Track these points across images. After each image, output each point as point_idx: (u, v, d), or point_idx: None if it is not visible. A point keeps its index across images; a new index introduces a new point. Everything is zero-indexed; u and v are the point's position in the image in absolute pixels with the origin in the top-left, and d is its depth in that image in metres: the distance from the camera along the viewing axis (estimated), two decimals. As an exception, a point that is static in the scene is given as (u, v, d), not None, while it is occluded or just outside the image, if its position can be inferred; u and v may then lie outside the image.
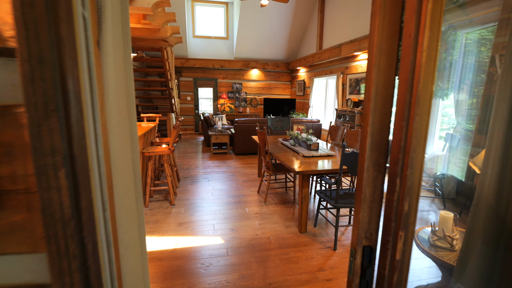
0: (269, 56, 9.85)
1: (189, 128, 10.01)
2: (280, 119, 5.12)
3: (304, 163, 2.96)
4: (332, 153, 3.37)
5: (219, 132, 6.54)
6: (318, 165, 2.93)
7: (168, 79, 6.33)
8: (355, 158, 2.38)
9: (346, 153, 2.39)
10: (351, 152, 2.37)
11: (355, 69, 6.38)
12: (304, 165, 2.89)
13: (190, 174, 4.99)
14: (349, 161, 2.41)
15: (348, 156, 2.39)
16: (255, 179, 4.77)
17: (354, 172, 2.43)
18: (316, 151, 3.47)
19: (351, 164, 2.41)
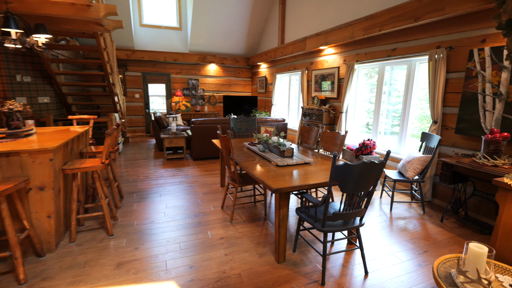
0: (227, 50, 9.14)
1: (138, 130, 8.88)
2: (244, 119, 4.49)
3: (279, 176, 2.38)
4: (310, 160, 2.84)
5: (173, 135, 5.69)
6: (296, 177, 2.37)
7: (108, 72, 5.30)
8: (349, 171, 1.85)
9: (338, 166, 1.86)
10: (343, 165, 1.83)
11: (321, 65, 6.01)
12: (280, 178, 2.30)
13: (138, 187, 4.11)
14: (341, 176, 1.88)
15: (341, 169, 1.86)
16: (218, 190, 4.08)
17: (348, 188, 1.91)
18: (290, 158, 2.91)
19: (344, 179, 1.89)
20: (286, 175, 2.41)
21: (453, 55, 3.42)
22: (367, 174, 1.91)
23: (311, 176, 2.40)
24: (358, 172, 1.88)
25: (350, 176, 1.88)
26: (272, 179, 2.29)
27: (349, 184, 1.92)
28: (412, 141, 4.30)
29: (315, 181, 2.27)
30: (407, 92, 4.15)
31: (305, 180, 2.28)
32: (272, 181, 2.24)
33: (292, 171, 2.56)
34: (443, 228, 3.04)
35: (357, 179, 1.90)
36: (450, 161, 3.02)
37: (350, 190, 1.94)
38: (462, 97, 3.28)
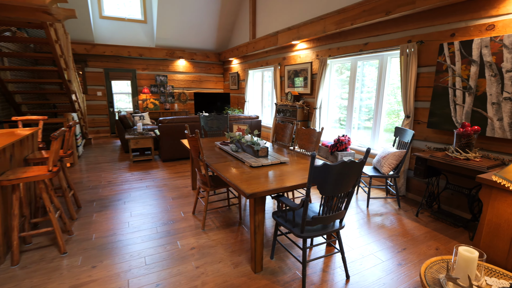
0: (197, 45, 8.76)
1: (102, 131, 8.26)
2: (215, 117, 4.24)
3: (253, 178, 2.19)
4: (285, 160, 2.68)
5: (140, 135, 5.29)
6: (272, 178, 2.19)
7: (63, 68, 4.77)
8: (328, 172, 1.70)
9: (316, 167, 1.70)
10: (322, 166, 1.68)
11: (294, 60, 5.89)
12: (255, 181, 2.11)
13: (99, 195, 3.72)
14: (320, 177, 1.72)
15: (320, 170, 1.70)
16: (189, 193, 3.81)
17: (327, 190, 1.76)
18: (265, 158, 2.73)
19: (323, 181, 1.73)
20: (261, 177, 2.22)
21: (424, 50, 3.42)
22: (348, 174, 1.78)
23: (287, 177, 2.23)
24: (338, 172, 1.73)
25: (329, 177, 1.73)
26: (245, 182, 2.09)
27: (329, 186, 1.77)
28: (385, 135, 4.31)
29: (292, 182, 2.10)
30: (380, 87, 4.14)
31: (281, 182, 2.11)
32: (246, 184, 2.04)
33: (267, 172, 2.38)
34: (418, 223, 3.03)
35: (337, 180, 1.76)
36: (424, 155, 3.01)
37: (329, 192, 1.80)
38: (433, 91, 3.29)
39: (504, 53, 2.66)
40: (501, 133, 2.73)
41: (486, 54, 2.79)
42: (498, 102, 2.73)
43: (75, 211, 3.21)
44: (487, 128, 2.84)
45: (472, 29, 2.94)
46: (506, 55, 2.64)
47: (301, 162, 2.73)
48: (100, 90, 8.01)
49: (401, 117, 4.17)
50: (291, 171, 2.40)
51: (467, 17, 2.98)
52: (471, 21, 2.95)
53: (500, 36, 2.68)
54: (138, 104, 8.56)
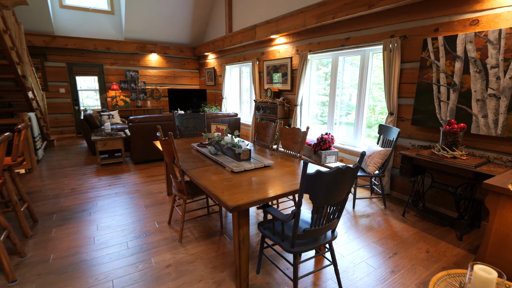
0: (170, 38, 8.29)
1: (67, 131, 7.60)
2: (191, 115, 3.94)
3: (236, 186, 1.95)
4: (270, 163, 2.47)
5: (108, 136, 4.84)
6: (257, 186, 1.97)
7: (15, 62, 4.21)
8: (322, 180, 1.50)
9: (309, 175, 1.49)
10: (316, 173, 1.48)
11: (273, 55, 5.68)
12: (238, 190, 1.88)
13: (60, 205, 3.31)
14: (313, 185, 1.52)
15: (313, 178, 1.50)
16: (164, 200, 3.49)
17: (321, 200, 1.57)
18: (248, 161, 2.50)
19: (317, 190, 1.54)
20: (244, 184, 1.99)
21: (407, 45, 3.34)
22: (343, 180, 1.60)
23: (274, 183, 2.02)
24: (333, 180, 1.54)
25: (323, 185, 1.54)
26: (227, 191, 1.85)
27: (323, 195, 1.58)
28: (365, 131, 4.23)
29: (280, 190, 1.89)
30: (362, 83, 4.04)
31: (267, 189, 1.89)
32: (228, 194, 1.80)
33: (250, 178, 2.15)
34: (406, 223, 2.96)
35: (332, 187, 1.57)
36: (410, 154, 2.93)
37: (323, 202, 1.61)
38: (417, 87, 3.22)
39: (488, 49, 2.61)
40: (486, 130, 2.69)
41: (470, 49, 2.73)
42: (483, 99, 2.69)
43: (30, 226, 2.80)
44: (472, 125, 2.79)
45: (456, 24, 2.88)
46: (490, 51, 2.59)
47: (286, 164, 2.53)
48: (63, 87, 7.34)
49: (377, 112, 4.10)
50: (277, 176, 2.19)
51: (451, 12, 2.91)
52: (455, 15, 2.88)
53: (484, 32, 2.62)
54: (107, 101, 7.97)
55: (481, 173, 2.43)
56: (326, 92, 4.89)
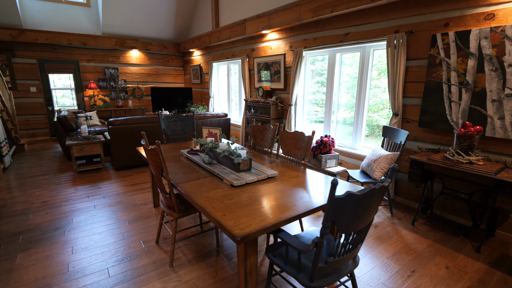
0: (152, 33, 7.79)
1: (40, 133, 6.97)
2: (179, 117, 3.56)
3: (240, 205, 1.64)
4: (273, 173, 2.17)
5: (85, 140, 4.38)
6: (265, 204, 1.66)
7: (-28, 57, 3.67)
8: (353, 204, 1.22)
9: (339, 199, 1.20)
10: (346, 196, 1.19)
11: (264, 52, 5.37)
12: (243, 211, 1.56)
13: (29, 223, 2.87)
14: (342, 210, 1.24)
15: (342, 202, 1.21)
16: (150, 213, 3.12)
17: (350, 226, 1.29)
18: (248, 172, 2.19)
19: (345, 215, 1.25)
20: (248, 203, 1.67)
21: (413, 41, 3.12)
22: (374, 201, 1.32)
23: (283, 200, 1.72)
24: (365, 201, 1.26)
25: (354, 209, 1.25)
26: (230, 214, 1.53)
27: (352, 220, 1.29)
28: (365, 132, 4.01)
29: (294, 209, 1.59)
30: (361, 81, 3.81)
31: (278, 209, 1.59)
32: (232, 218, 1.48)
33: (254, 193, 1.84)
34: (417, 234, 2.74)
35: (362, 210, 1.29)
36: (420, 158, 2.71)
37: (351, 228, 1.32)
38: (425, 87, 3.01)
39: (506, 46, 2.41)
40: (502, 133, 2.51)
41: (485, 46, 2.53)
42: (499, 99, 2.50)
43: (-10, 253, 2.36)
44: (486, 128, 2.61)
45: (468, 18, 2.68)
46: (508, 47, 2.40)
47: (291, 174, 2.24)
48: (34, 85, 6.71)
49: (377, 113, 3.89)
50: (284, 190, 1.89)
51: (463, 5, 2.70)
52: (467, 9, 2.68)
53: (501, 27, 2.42)
54: (84, 101, 7.38)
55: (503, 181, 2.23)
56: (322, 90, 4.64)
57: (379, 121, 4.08)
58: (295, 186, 1.98)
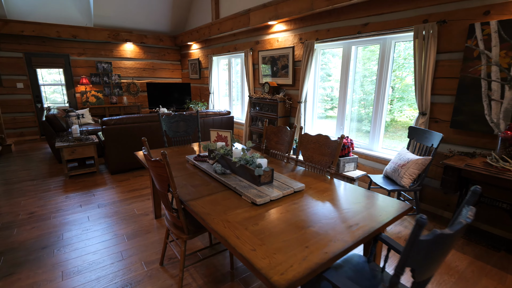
0: (147, 25, 7.34)
1: (28, 132, 6.53)
2: (182, 117, 3.20)
3: (270, 235, 1.31)
4: (300, 187, 1.84)
5: (77, 141, 3.99)
6: (299, 230, 1.34)
7: None
8: (441, 246, 0.90)
9: (424, 242, 0.88)
10: (437, 237, 0.87)
11: (270, 44, 5.00)
12: (276, 244, 1.24)
13: (12, 241, 2.51)
14: (422, 252, 0.92)
15: (427, 243, 0.89)
16: (151, 225, 2.78)
17: (427, 271, 0.97)
18: (269, 184, 1.86)
19: (427, 259, 0.93)
20: (280, 230, 1.35)
21: (445, 31, 2.79)
22: (457, 238, 1.00)
23: (322, 223, 1.39)
24: (450, 241, 0.95)
25: (438, 251, 0.93)
26: (261, 248, 1.20)
27: (431, 264, 0.97)
28: (383, 132, 3.71)
29: (340, 241, 1.27)
30: (381, 76, 3.48)
31: (320, 239, 1.26)
32: (265, 255, 1.15)
33: (284, 214, 1.51)
34: (454, 249, 2.45)
35: (444, 252, 0.98)
36: (457, 164, 2.41)
37: (429, 274, 1.01)
38: (460, 83, 2.69)
39: (562, 36, 2.10)
40: (554, 136, 2.21)
41: (536, 36, 2.22)
42: (551, 98, 2.20)
43: (-37, 281, 2.01)
44: (534, 130, 2.30)
45: (514, 5, 2.35)
46: None
47: (319, 186, 1.91)
48: (21, 81, 6.25)
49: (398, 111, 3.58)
50: (318, 209, 1.57)
51: (507, -10, 2.37)
52: (512, -5, 2.35)
53: (557, 14, 2.11)
54: (76, 97, 6.94)
55: (562, 192, 1.94)
56: (331, 85, 4.31)
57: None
58: (329, 203, 1.65)
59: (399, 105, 3.69)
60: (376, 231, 1.40)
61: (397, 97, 3.60)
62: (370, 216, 1.52)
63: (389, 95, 3.50)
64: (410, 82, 3.43)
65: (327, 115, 4.54)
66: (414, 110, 3.47)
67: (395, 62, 3.43)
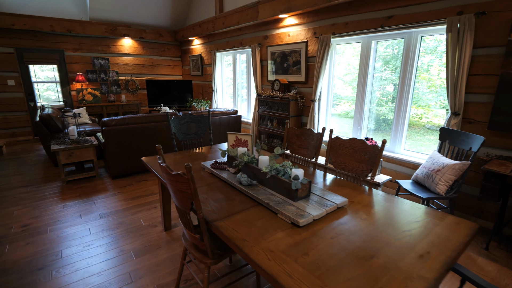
0: (147, 19, 6.99)
1: (21, 133, 6.17)
2: (192, 118, 2.92)
3: (327, 271, 1.06)
4: (343, 201, 1.58)
5: (74, 144, 3.68)
6: (363, 263, 1.09)
7: None
8: None
9: None
10: None
11: (280, 39, 4.71)
12: (342, 286, 0.98)
13: (3, 261, 2.21)
14: None
15: None
16: (160, 239, 2.50)
17: None
18: (307, 199, 1.60)
19: None
20: (339, 262, 1.09)
21: (483, 24, 2.54)
22: None
23: (386, 250, 1.13)
24: None
25: None
26: None
27: None
28: (406, 132, 3.47)
29: (420, 280, 1.01)
30: (405, 72, 3.23)
31: (392, 273, 1.00)
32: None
33: (335, 239, 1.25)
34: (495, 262, 2.23)
35: None
36: (501, 170, 2.17)
37: None
38: (500, 80, 2.45)
39: None
40: None
41: None
42: None
43: None
44: None
45: None
46: None
47: (362, 199, 1.66)
48: (12, 78, 5.87)
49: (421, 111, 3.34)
50: (375, 231, 1.31)
51: (560, -23, 2.13)
52: None
53: None
54: (71, 95, 6.58)
55: None
56: (337, 83, 4.05)
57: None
58: (382, 222, 1.40)
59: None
60: (453, 261, 1.15)
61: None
62: (438, 240, 1.27)
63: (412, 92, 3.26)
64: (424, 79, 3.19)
65: (332, 113, 4.30)
66: (420, 109, 3.23)
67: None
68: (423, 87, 3.30)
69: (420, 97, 3.34)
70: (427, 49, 3.17)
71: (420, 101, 3.38)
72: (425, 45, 3.15)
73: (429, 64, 3.20)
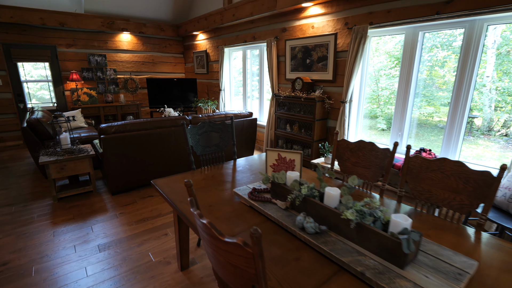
0: (147, 12, 6.39)
1: (9, 137, 5.57)
2: (213, 126, 2.36)
3: None
4: (472, 264, 1.04)
5: (67, 155, 3.11)
6: None
7: None
8: None
9: None
10: None
11: (301, 32, 4.15)
12: None
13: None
14: None
15: None
16: (175, 282, 1.95)
17: None
18: (415, 262, 1.05)
19: None
20: None
21: None
22: None
23: None
24: None
25: None
26: None
27: None
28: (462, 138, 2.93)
29: None
30: (463, 69, 2.69)
31: None
32: None
33: None
34: None
35: None
36: None
37: None
38: None
39: None
40: None
41: None
42: None
43: None
44: None
45: None
46: None
47: (489, 257, 1.12)
48: (-2, 77, 5.27)
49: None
50: None
51: None
52: None
53: None
54: (65, 96, 5.98)
55: None
56: (389, 79, 3.51)
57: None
58: None
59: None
60: None
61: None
62: None
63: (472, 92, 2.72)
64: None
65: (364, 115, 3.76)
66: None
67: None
68: (485, 88, 2.76)
69: (475, 100, 2.80)
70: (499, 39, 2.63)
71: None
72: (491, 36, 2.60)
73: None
